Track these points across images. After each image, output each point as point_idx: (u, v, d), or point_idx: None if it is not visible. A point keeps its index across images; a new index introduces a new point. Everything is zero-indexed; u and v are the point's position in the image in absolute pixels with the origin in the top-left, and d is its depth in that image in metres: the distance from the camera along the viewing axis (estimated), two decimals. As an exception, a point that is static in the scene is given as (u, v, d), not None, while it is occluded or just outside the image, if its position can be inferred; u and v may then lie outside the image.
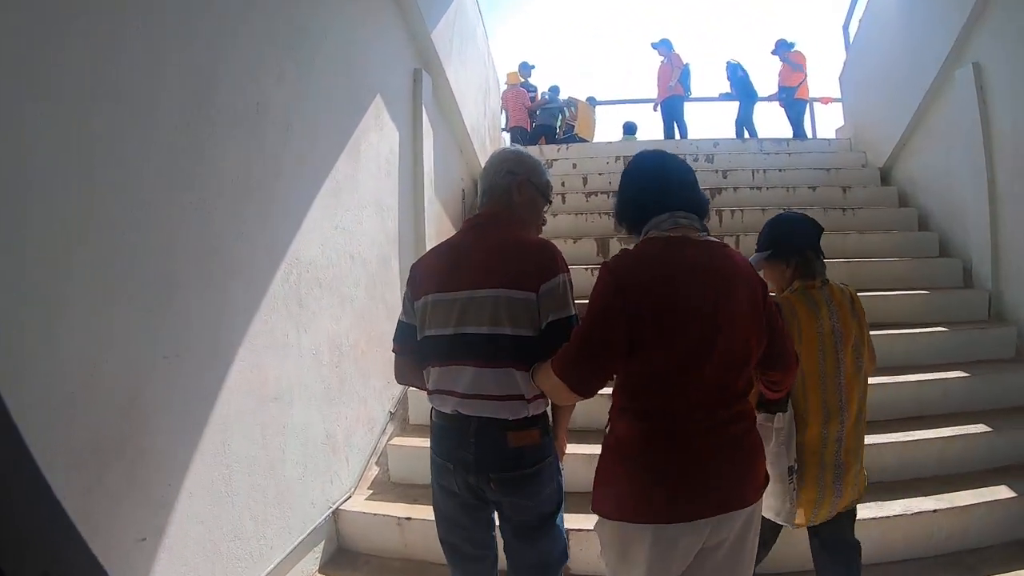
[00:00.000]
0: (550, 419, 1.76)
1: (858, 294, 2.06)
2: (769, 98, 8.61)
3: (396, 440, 3.40)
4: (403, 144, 3.93)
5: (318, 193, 2.79)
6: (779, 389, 1.66)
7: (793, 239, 2.03)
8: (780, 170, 6.21)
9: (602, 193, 5.79)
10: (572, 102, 9.39)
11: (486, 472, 1.66)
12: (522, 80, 9.05)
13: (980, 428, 3.33)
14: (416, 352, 1.76)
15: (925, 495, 2.91)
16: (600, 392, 1.45)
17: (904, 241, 5.01)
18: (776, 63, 8.26)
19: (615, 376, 1.47)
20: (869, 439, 2.24)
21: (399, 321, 1.83)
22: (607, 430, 1.52)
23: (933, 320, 4.23)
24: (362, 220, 3.23)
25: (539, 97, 9.39)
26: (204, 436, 2.07)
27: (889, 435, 3.23)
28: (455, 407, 1.67)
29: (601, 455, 1.52)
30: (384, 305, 3.51)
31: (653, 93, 8.92)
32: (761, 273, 1.87)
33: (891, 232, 5.11)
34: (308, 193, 2.72)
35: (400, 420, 3.63)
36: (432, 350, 1.70)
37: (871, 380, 2.09)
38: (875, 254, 4.84)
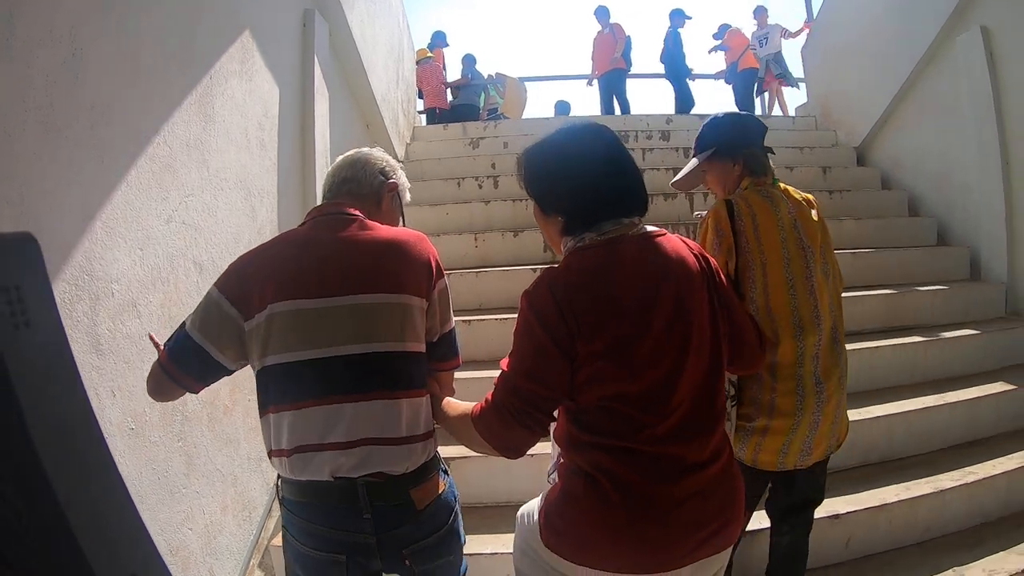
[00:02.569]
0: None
1: (869, 293, 2.05)
2: (715, 76, 8.56)
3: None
4: (285, 105, 2.96)
5: (135, 164, 1.82)
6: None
7: (739, 133, 1.87)
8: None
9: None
10: (501, 79, 8.61)
11: (398, 549, 1.36)
12: (429, 55, 8.12)
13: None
14: (264, 389, 1.35)
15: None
16: None
17: (900, 229, 4.55)
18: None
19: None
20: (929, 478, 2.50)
21: (183, 335, 1.35)
22: (551, 474, 1.42)
23: (951, 321, 3.81)
24: (216, 209, 2.26)
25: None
26: None
27: (952, 473, 2.69)
28: (334, 469, 1.29)
29: (549, 494, 1.33)
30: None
31: (585, 69, 8.42)
32: (702, 184, 1.94)
33: (886, 219, 4.63)
34: (113, 163, 1.74)
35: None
36: (287, 385, 1.31)
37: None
38: (873, 243, 4.34)
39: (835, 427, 1.79)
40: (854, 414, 2.88)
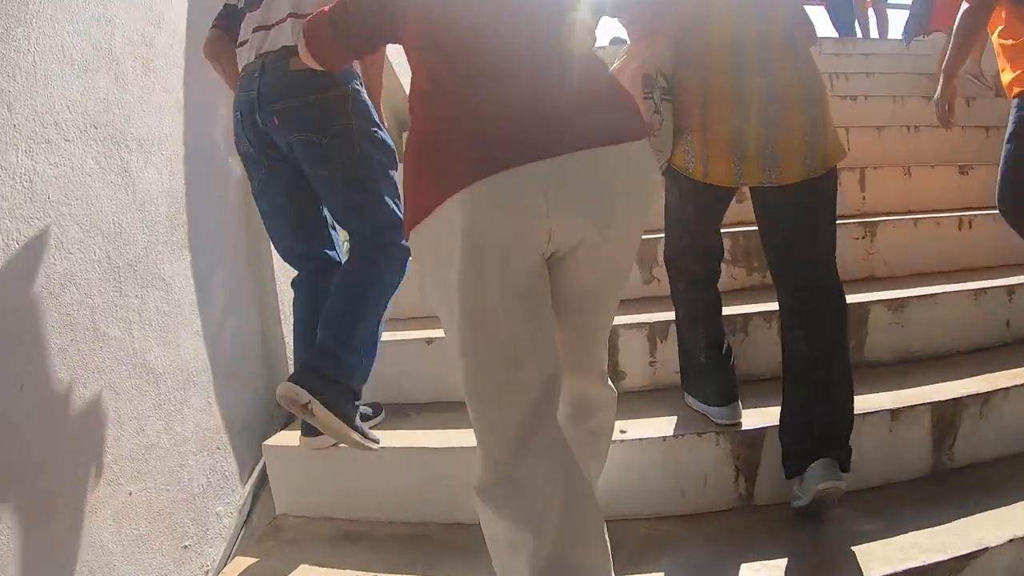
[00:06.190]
0: None
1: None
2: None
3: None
4: (199, 9, 2.12)
5: None
6: None
7: None
8: (890, 74, 5.17)
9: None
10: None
11: (268, 105, 1.77)
12: None
13: None
14: (235, 22, 1.96)
15: None
16: None
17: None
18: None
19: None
20: None
21: (224, 4, 2.03)
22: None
23: None
24: (34, 175, 1.46)
25: None
26: None
27: None
28: (256, 46, 1.84)
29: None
30: (137, 366, 1.82)
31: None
32: None
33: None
34: None
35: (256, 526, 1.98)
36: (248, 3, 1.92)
37: None
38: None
39: (811, 130, 1.53)
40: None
